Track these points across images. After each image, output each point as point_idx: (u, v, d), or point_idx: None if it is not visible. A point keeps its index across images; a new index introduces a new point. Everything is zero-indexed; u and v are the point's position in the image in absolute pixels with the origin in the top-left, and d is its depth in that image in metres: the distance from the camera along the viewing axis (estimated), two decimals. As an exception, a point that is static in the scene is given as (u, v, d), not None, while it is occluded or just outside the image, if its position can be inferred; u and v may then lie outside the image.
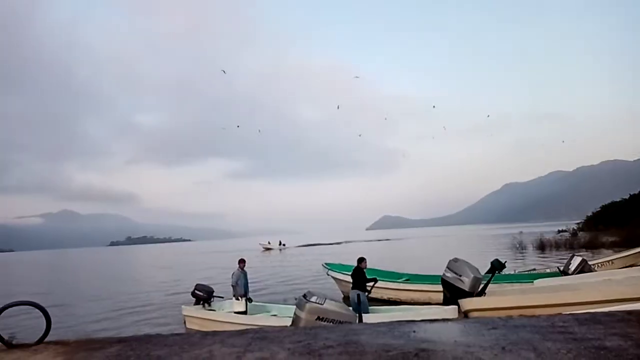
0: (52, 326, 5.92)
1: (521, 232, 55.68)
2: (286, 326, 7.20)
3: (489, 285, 11.88)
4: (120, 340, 5.70)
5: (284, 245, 69.08)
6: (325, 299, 7.77)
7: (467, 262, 11.74)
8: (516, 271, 17.79)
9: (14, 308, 5.97)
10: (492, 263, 13.00)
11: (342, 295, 15.44)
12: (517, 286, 13.35)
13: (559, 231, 48.24)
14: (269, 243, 70.02)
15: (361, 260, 11.81)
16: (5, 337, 5.70)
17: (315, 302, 7.67)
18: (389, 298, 14.98)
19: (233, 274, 12.21)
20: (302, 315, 7.64)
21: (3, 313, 5.73)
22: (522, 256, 31.29)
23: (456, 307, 10.05)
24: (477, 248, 43.14)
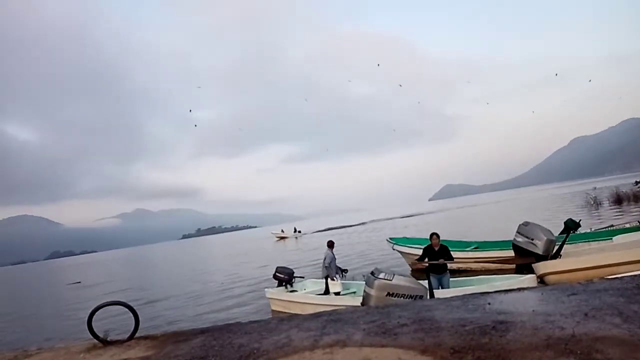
0: (140, 321, 6.34)
1: (594, 188, 52.80)
2: (358, 306, 7.27)
3: (564, 246, 11.42)
4: (203, 331, 6.00)
5: (299, 232, 65.12)
6: (394, 274, 7.76)
7: (538, 225, 11.33)
8: (592, 229, 16.89)
9: (104, 308, 6.43)
10: (565, 223, 12.47)
11: (410, 270, 15.37)
12: (594, 245, 12.70)
13: (637, 182, 45.35)
14: (282, 231, 66.50)
15: (431, 236, 10.56)
16: (100, 335, 6.18)
17: (384, 279, 7.66)
18: (459, 268, 14.70)
19: (326, 255, 12.19)
20: (372, 292, 7.66)
21: (96, 314, 6.19)
22: (598, 213, 29.69)
23: (532, 276, 9.72)
24: (547, 209, 41.29)
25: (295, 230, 65.45)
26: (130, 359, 5.28)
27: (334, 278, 11.80)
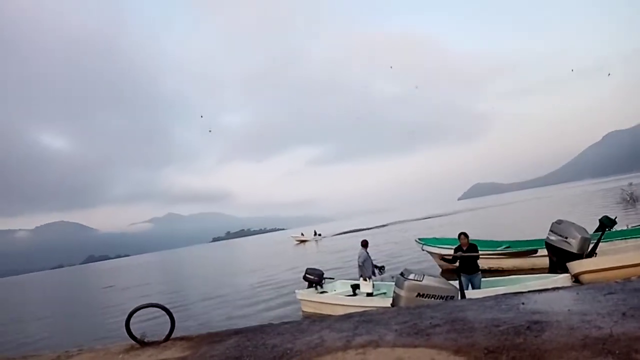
0: (175, 323, 6.50)
1: (630, 184, 50.97)
2: (388, 307, 7.27)
3: (600, 244, 11.12)
4: (237, 332, 6.12)
5: (319, 235, 63.18)
6: (424, 275, 7.72)
7: (572, 223, 11.06)
8: (629, 226, 16.40)
9: (140, 310, 6.62)
10: (600, 220, 12.15)
11: (440, 270, 15.22)
12: (631, 242, 12.34)
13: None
14: (302, 235, 64.89)
15: (459, 236, 10.45)
16: (138, 337, 6.37)
17: (414, 279, 7.64)
18: (490, 267, 14.49)
19: (360, 254, 12.04)
20: (402, 293, 7.65)
21: (133, 316, 6.39)
22: (634, 210, 28.79)
23: (567, 275, 9.51)
24: (581, 206, 40.19)
25: (315, 234, 64.30)
26: (168, 360, 5.43)
27: (367, 278, 11.67)
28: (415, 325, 4.98)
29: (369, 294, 11.52)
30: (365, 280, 11.69)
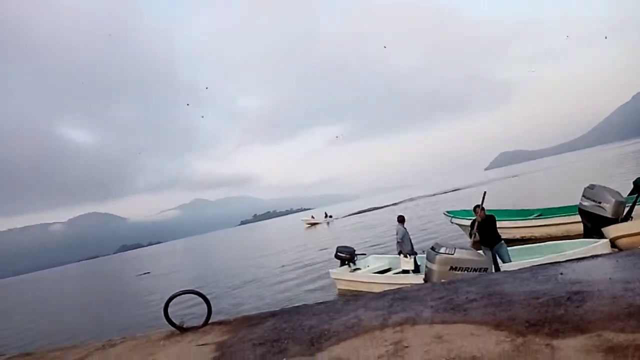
0: (212, 308, 6.63)
1: (664, 143, 49.26)
2: (421, 283, 7.24)
3: (635, 207, 10.83)
4: (273, 314, 6.19)
5: (330, 217, 61.70)
6: (455, 248, 7.67)
7: (605, 187, 10.79)
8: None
9: (178, 297, 6.76)
10: (634, 183, 11.82)
11: (471, 242, 15.06)
12: (669, 203, 11.98)
13: None
14: (312, 217, 63.61)
15: (474, 209, 10.09)
16: (177, 323, 6.52)
17: (446, 253, 7.60)
18: (522, 237, 14.29)
19: (397, 230, 11.78)
20: (434, 267, 7.62)
21: (171, 303, 6.53)
22: (670, 169, 27.87)
23: (605, 241, 9.29)
24: (613, 170, 39.10)
25: (326, 216, 63.11)
26: (208, 344, 5.53)
27: (407, 255, 11.37)
28: (451, 300, 4.95)
29: (415, 270, 11.12)
30: (405, 257, 11.40)
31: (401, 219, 12.11)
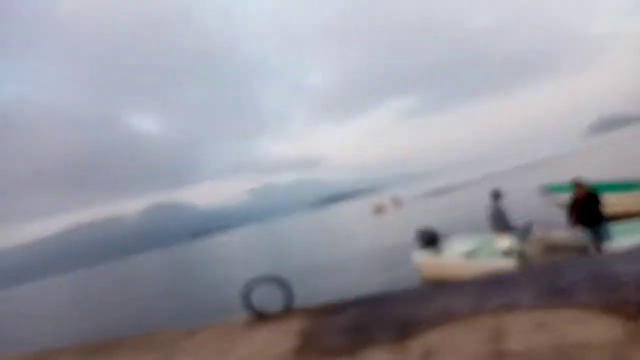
0: (292, 294, 6.60)
1: None
2: (515, 265, 6.83)
3: None
4: (357, 302, 6.00)
5: (398, 200, 60.93)
6: (551, 227, 7.19)
7: None
8: None
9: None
10: None
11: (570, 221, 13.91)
12: None
13: None
14: (379, 201, 62.31)
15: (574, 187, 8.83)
16: (257, 310, 6.58)
17: (542, 234, 7.15)
18: (627, 211, 12.97)
19: (490, 206, 10.58)
20: (529, 248, 7.17)
21: (249, 290, 6.59)
22: None
23: None
24: None
25: (393, 199, 61.80)
26: (290, 332, 5.50)
27: (501, 233, 10.65)
28: (551, 284, 4.53)
29: (505, 252, 10.58)
30: (502, 236, 10.68)
31: (495, 194, 11.17)
